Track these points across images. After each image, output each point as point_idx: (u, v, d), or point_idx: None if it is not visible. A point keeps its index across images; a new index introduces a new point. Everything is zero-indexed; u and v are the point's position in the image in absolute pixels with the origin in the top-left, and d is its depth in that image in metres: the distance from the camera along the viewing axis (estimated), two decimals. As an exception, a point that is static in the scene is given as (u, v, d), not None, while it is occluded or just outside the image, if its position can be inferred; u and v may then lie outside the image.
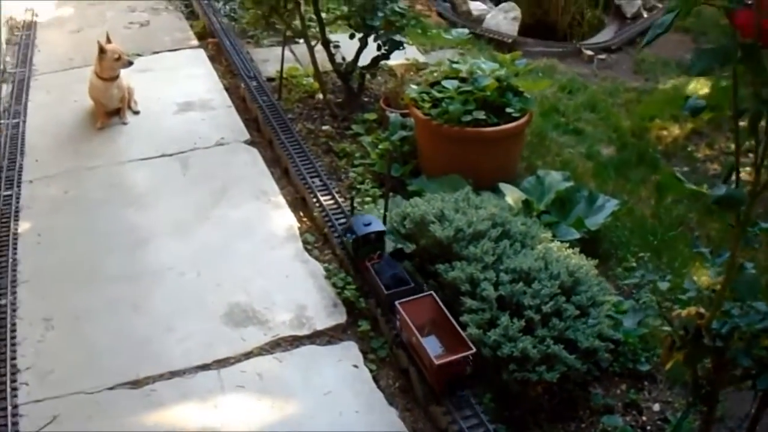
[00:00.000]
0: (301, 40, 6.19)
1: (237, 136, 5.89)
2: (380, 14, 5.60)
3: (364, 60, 6.01)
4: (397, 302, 3.80)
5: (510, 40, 7.96)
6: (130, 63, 6.08)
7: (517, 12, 8.37)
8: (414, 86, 5.27)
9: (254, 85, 6.48)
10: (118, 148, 5.80)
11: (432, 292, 3.86)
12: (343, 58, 6.34)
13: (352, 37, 5.84)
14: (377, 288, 4.07)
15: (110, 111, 6.17)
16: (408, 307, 3.76)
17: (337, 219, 4.76)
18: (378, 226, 4.21)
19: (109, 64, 5.99)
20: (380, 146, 5.44)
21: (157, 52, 7.50)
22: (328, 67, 6.15)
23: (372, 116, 5.90)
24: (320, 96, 6.27)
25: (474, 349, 3.51)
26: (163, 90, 6.65)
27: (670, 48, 7.57)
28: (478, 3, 8.76)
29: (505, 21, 8.29)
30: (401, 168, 5.17)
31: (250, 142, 5.82)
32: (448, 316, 3.71)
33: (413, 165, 5.23)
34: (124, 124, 6.11)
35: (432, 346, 3.65)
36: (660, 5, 8.95)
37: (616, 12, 8.81)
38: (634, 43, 8.07)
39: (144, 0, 8.93)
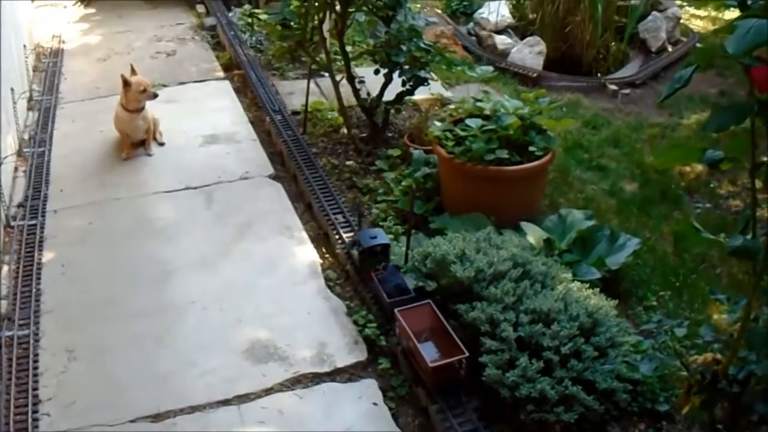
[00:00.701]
0: (327, 74, 6.26)
1: (261, 171, 5.95)
2: (405, 50, 5.67)
3: (389, 95, 6.08)
4: (396, 310, 4.06)
5: (535, 75, 8.02)
6: (155, 95, 6.15)
7: (542, 46, 8.42)
8: (438, 123, 5.33)
9: (279, 119, 6.54)
10: (142, 180, 5.88)
11: (430, 300, 4.10)
12: (368, 93, 6.42)
13: (377, 72, 5.90)
14: (380, 296, 4.32)
15: (136, 142, 6.25)
16: (407, 315, 4.03)
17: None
18: (383, 239, 4.53)
19: (134, 96, 6.07)
20: (403, 183, 5.51)
21: (184, 83, 7.61)
22: (353, 101, 6.21)
23: (396, 152, 5.96)
24: (345, 131, 6.33)
25: (467, 353, 3.74)
26: (189, 122, 6.74)
27: (695, 82, 7.47)
28: (504, 37, 8.81)
29: (530, 55, 8.35)
30: (424, 205, 5.23)
31: (275, 177, 5.88)
32: (445, 323, 3.94)
33: (436, 202, 5.28)
34: (149, 155, 6.19)
35: (428, 351, 3.90)
36: (684, 39, 9.02)
37: (641, 46, 8.85)
38: (659, 78, 8.13)
39: (171, 28, 9.08)
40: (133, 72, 6.17)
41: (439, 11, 9.63)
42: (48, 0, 10.34)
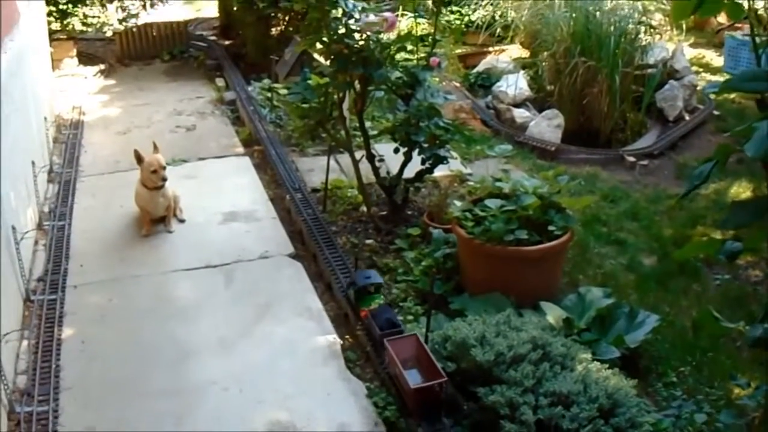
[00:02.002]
0: (347, 151, 6.32)
1: (281, 249, 6.00)
2: (425, 129, 5.76)
3: (409, 173, 6.15)
4: (385, 339, 4.50)
5: (553, 148, 8.13)
6: (164, 180, 6.14)
7: (560, 119, 8.53)
8: (457, 203, 5.42)
9: (299, 197, 6.61)
10: (162, 257, 5.95)
11: (416, 333, 4.54)
12: (388, 172, 6.52)
13: (396, 151, 5.99)
14: (372, 330, 4.75)
15: (156, 218, 6.32)
16: (394, 344, 4.46)
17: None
18: (376, 279, 5.09)
19: (147, 176, 6.15)
20: (423, 263, 5.56)
21: (203, 159, 7.71)
22: (373, 179, 6.28)
23: (416, 231, 6.00)
24: (364, 209, 6.39)
25: (446, 378, 4.13)
26: (209, 199, 6.82)
27: (712, 151, 7.64)
28: (522, 110, 8.94)
29: (548, 128, 8.46)
30: (444, 285, 5.28)
31: (295, 256, 5.91)
32: (429, 353, 4.31)
33: (456, 282, 5.34)
34: (170, 232, 6.26)
35: (413, 377, 4.30)
36: (701, 106, 9.12)
37: (659, 115, 8.98)
38: (676, 148, 8.24)
39: (191, 102, 9.24)
40: (156, 149, 6.26)
41: (458, 84, 9.78)
42: (69, 70, 10.57)
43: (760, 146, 2.27)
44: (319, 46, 5.97)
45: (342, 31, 5.65)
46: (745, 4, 2.58)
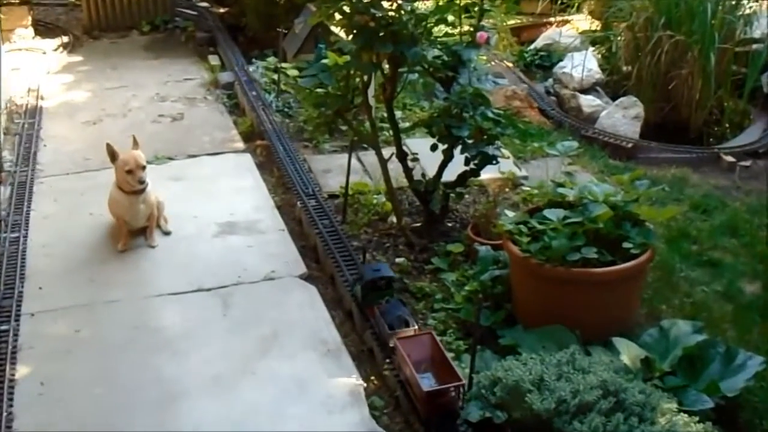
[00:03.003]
0: (372, 148, 6.40)
1: (291, 269, 6.05)
2: (469, 121, 5.78)
3: (449, 175, 6.18)
4: (395, 338, 4.77)
5: (630, 145, 8.12)
6: (141, 183, 6.18)
7: (638, 108, 8.55)
8: (509, 213, 5.45)
9: (313, 204, 6.67)
10: (143, 278, 6.00)
11: (432, 331, 4.83)
12: (423, 174, 6.57)
13: (434, 148, 6.02)
14: (381, 328, 5.03)
15: (135, 230, 6.37)
16: (406, 343, 4.72)
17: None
18: (387, 272, 5.33)
19: (123, 176, 6.17)
20: (467, 287, 5.59)
21: (194, 156, 7.78)
22: (404, 182, 6.33)
23: (457, 248, 6.02)
24: (393, 220, 6.44)
25: (463, 381, 4.37)
26: (201, 205, 6.88)
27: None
28: (591, 97, 9.00)
29: (623, 120, 8.48)
30: (492, 315, 5.32)
31: (307, 277, 5.97)
32: (445, 354, 4.57)
33: (507, 311, 5.37)
34: (152, 247, 6.32)
35: (427, 382, 4.56)
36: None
37: (765, 103, 8.97)
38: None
39: (178, 85, 9.34)
40: (135, 144, 6.30)
41: (510, 65, 9.85)
42: (23, 43, 10.64)
43: None
44: (338, 17, 5.97)
45: (367, -2, 5.68)
46: None
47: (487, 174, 6.42)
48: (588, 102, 8.92)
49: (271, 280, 5.96)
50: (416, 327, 4.97)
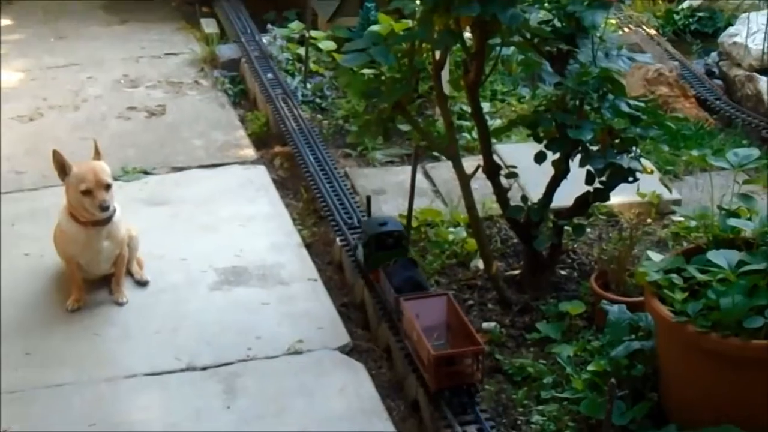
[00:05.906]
0: (445, 158, 6.40)
1: (327, 339, 6.04)
2: (593, 118, 5.75)
3: (562, 199, 6.17)
4: (401, 299, 5.29)
5: (838, 155, 8.10)
6: (104, 208, 6.10)
7: None
8: (654, 255, 5.43)
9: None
10: (106, 352, 6.03)
11: (449, 293, 5.35)
12: (524, 197, 6.46)
13: (541, 158, 5.99)
14: (386, 292, 5.62)
15: (94, 279, 6.42)
16: (415, 306, 5.23)
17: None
18: (395, 226, 5.99)
19: (77, 199, 6.07)
20: (590, 367, 5.54)
21: (181, 169, 7.87)
22: (496, 209, 6.39)
23: (575, 308, 6.03)
24: (480, 265, 6.47)
25: (483, 347, 4.89)
26: (193, 243, 6.96)
27: None
28: (778, 81, 8.93)
29: (830, 116, 8.44)
30: (630, 409, 5.27)
31: (351, 350, 5.97)
32: (465, 319, 5.05)
33: (652, 403, 5.33)
34: (119, 304, 6.36)
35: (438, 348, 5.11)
36: None
37: None
38: None
39: (156, 62, 9.48)
40: (96, 153, 6.28)
41: (653, 33, 9.82)
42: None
43: None
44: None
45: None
46: None
47: (621, 197, 6.48)
48: (770, 87, 8.87)
49: (297, 355, 5.96)
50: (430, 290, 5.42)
